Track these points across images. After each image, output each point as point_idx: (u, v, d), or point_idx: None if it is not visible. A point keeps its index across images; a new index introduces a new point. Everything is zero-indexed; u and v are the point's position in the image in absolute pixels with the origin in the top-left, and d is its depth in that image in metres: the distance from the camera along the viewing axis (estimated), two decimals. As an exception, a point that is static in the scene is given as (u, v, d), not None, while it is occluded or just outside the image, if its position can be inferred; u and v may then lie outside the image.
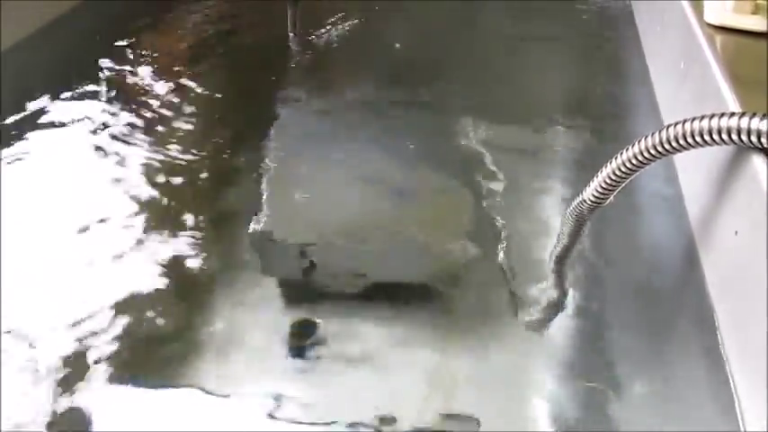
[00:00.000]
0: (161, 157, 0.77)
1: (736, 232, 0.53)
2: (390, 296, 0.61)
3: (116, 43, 0.99)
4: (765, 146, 0.49)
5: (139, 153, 0.78)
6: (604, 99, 0.93)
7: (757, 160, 0.51)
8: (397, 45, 1.03)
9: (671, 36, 0.85)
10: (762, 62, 0.67)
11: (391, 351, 0.56)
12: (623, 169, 0.58)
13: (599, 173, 0.60)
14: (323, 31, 1.05)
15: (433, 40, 1.07)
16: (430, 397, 0.52)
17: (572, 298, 0.61)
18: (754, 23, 0.72)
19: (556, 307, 0.61)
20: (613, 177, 0.59)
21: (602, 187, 0.60)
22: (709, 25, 0.73)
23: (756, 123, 0.49)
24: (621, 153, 0.58)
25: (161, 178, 0.74)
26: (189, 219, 0.68)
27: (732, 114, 0.50)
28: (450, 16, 1.15)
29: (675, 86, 0.79)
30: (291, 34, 1.00)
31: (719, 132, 0.51)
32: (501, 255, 0.65)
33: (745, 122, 0.49)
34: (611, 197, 0.61)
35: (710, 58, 0.68)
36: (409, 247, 0.66)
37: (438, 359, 0.55)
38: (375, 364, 0.55)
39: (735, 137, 0.50)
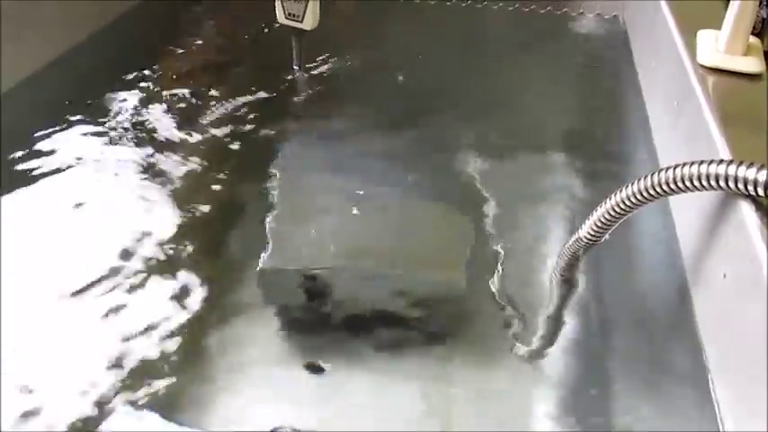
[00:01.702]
0: (164, 190, 0.79)
1: (725, 275, 0.55)
2: (393, 326, 0.63)
3: (122, 75, 1.02)
4: (752, 193, 0.51)
5: (142, 183, 0.80)
6: (601, 131, 0.95)
7: (745, 207, 0.53)
8: (400, 77, 1.06)
9: (665, 73, 0.87)
10: (753, 104, 0.69)
11: (392, 383, 0.58)
12: (618, 209, 0.60)
13: (594, 212, 0.62)
14: (326, 64, 1.07)
15: (433, 71, 1.09)
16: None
17: (566, 332, 0.63)
18: (746, 65, 0.74)
19: (550, 342, 0.62)
20: (608, 217, 0.61)
21: (597, 226, 0.63)
22: (702, 66, 0.75)
23: (743, 171, 0.51)
24: (616, 194, 0.60)
25: (165, 210, 0.76)
26: (193, 252, 0.70)
27: (721, 161, 0.52)
28: (453, 49, 1.17)
29: (670, 123, 0.81)
30: (296, 67, 1.02)
31: (708, 178, 0.53)
32: (499, 288, 0.67)
33: (732, 170, 0.51)
34: (607, 235, 0.64)
35: (702, 100, 0.70)
36: (412, 279, 0.68)
37: (440, 393, 0.57)
38: (377, 396, 0.57)
39: (723, 183, 0.52)
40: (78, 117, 0.91)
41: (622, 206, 0.60)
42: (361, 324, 0.63)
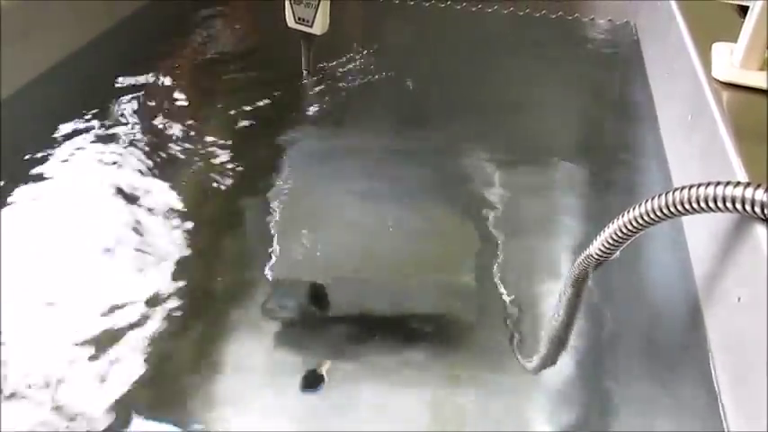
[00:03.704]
0: (169, 193, 0.78)
1: (739, 299, 0.54)
2: (400, 335, 0.63)
3: (128, 77, 1.01)
4: (767, 217, 0.50)
5: (148, 186, 0.79)
6: (611, 140, 0.94)
7: (760, 230, 0.52)
8: (409, 83, 1.05)
9: (679, 85, 0.86)
10: (768, 121, 0.68)
11: (399, 392, 0.57)
12: (629, 227, 0.59)
13: (605, 229, 0.61)
14: (337, 69, 1.06)
15: (443, 77, 1.09)
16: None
17: (574, 351, 0.62)
18: (762, 80, 0.73)
19: (558, 356, 0.62)
20: (619, 234, 0.60)
21: (608, 243, 0.61)
22: (717, 81, 0.74)
23: (760, 195, 0.50)
24: (628, 211, 0.59)
25: (170, 217, 0.75)
26: (196, 260, 0.70)
27: (738, 184, 0.51)
28: (463, 54, 1.16)
29: (683, 136, 0.80)
30: (305, 72, 1.01)
31: (725, 201, 0.52)
32: (506, 299, 0.67)
33: (749, 193, 0.50)
34: (617, 252, 0.63)
35: (717, 116, 0.69)
36: (418, 287, 0.67)
37: (446, 403, 0.56)
38: (383, 405, 0.56)
39: (739, 206, 0.51)
40: (82, 119, 0.90)
41: (634, 224, 0.59)
42: (369, 331, 0.63)
